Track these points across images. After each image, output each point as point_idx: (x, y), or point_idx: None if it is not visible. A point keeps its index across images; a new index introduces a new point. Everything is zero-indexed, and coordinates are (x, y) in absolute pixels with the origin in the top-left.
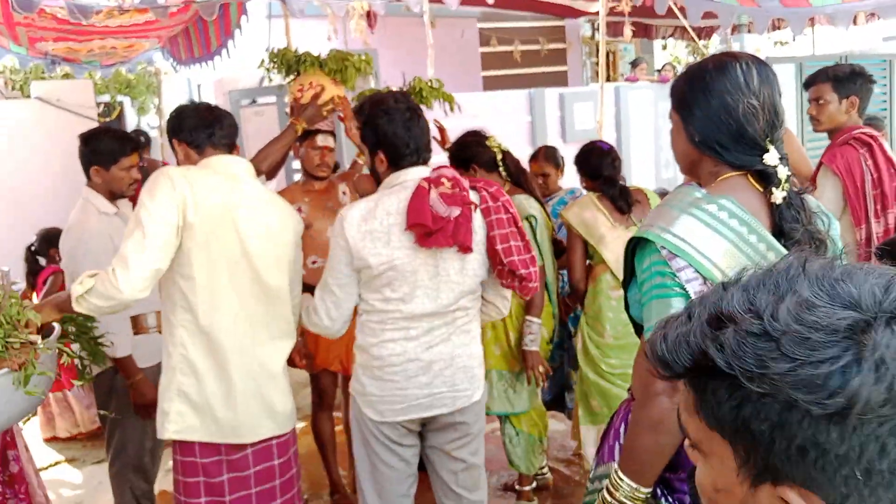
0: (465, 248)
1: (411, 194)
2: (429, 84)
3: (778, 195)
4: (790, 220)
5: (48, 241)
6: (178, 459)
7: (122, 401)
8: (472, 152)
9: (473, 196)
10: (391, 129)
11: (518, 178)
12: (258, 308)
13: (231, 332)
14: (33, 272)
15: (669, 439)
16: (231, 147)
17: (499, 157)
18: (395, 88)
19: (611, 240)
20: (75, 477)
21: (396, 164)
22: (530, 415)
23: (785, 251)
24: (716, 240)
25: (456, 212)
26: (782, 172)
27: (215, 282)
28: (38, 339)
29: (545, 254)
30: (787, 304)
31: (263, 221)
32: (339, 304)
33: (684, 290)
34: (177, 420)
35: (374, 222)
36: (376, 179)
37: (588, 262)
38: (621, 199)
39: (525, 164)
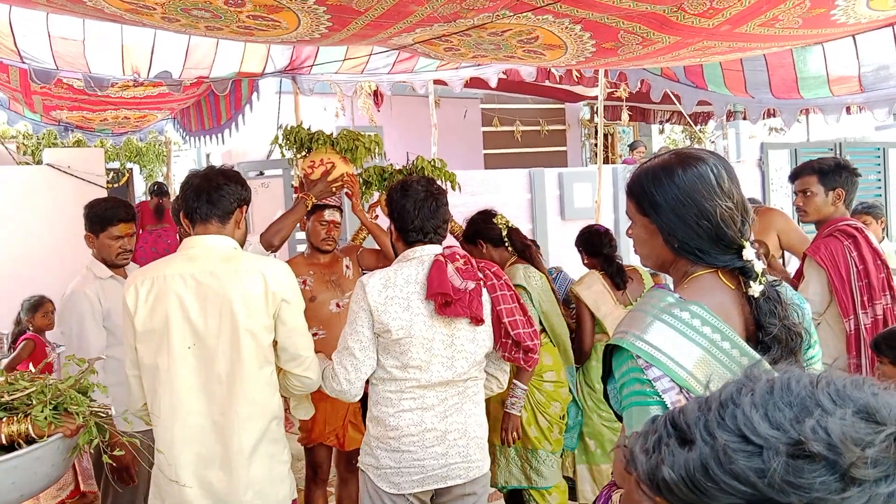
0: (478, 320)
1: (430, 267)
2: (431, 164)
3: (756, 289)
4: (767, 313)
5: (31, 309)
6: None
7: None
8: (479, 228)
9: (479, 274)
10: (402, 207)
11: (523, 252)
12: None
13: (191, 425)
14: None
15: None
16: (225, 216)
17: (504, 232)
18: (398, 167)
19: (612, 316)
20: None
21: (404, 239)
22: (558, 487)
23: (757, 356)
24: (689, 347)
25: (471, 285)
26: (759, 267)
27: (173, 375)
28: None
29: (551, 317)
30: (831, 424)
31: (219, 301)
32: (358, 368)
33: (661, 398)
34: None
35: (394, 289)
36: (395, 253)
37: None
38: (618, 277)
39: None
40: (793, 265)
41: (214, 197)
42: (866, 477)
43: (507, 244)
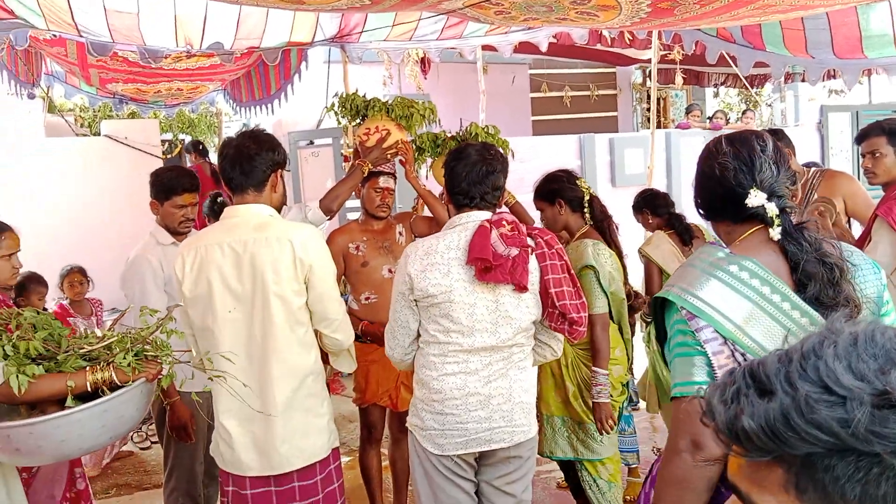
0: (522, 287)
1: (473, 232)
2: (485, 130)
3: (774, 233)
4: (794, 252)
5: (59, 279)
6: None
7: None
8: (562, 187)
9: (529, 241)
10: (453, 170)
11: (601, 224)
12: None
13: (237, 376)
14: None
15: (693, 497)
16: (260, 185)
17: (586, 197)
18: (451, 133)
19: None
20: (126, 503)
21: (454, 203)
22: (612, 459)
23: (809, 309)
24: (737, 300)
25: (514, 252)
26: (771, 210)
27: (220, 335)
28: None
29: (613, 301)
30: None
31: (252, 268)
32: (394, 335)
33: (703, 348)
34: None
35: (435, 255)
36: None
37: None
38: (686, 233)
39: None
40: (856, 231)
41: (247, 168)
42: None
43: (585, 210)
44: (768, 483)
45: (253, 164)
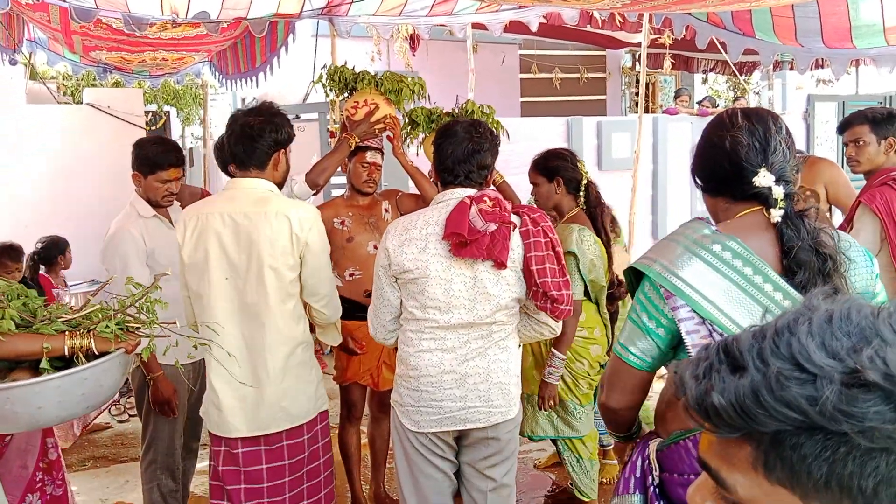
0: (500, 264)
1: (452, 208)
2: (480, 108)
3: (775, 214)
4: (789, 238)
5: (56, 247)
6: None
7: None
8: (564, 166)
9: (515, 219)
10: (440, 146)
11: (594, 210)
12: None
13: (228, 345)
14: (30, 279)
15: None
16: (263, 163)
17: (584, 181)
18: (446, 110)
19: None
20: (102, 475)
21: (440, 180)
22: (591, 437)
23: (791, 290)
24: (717, 280)
25: (492, 227)
26: (777, 192)
27: (213, 302)
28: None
29: (593, 288)
30: (890, 353)
31: (249, 240)
32: (376, 312)
33: (669, 328)
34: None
35: (413, 231)
36: None
37: None
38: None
39: None
40: (836, 220)
41: (250, 147)
42: None
43: (581, 193)
44: (737, 460)
45: (255, 145)
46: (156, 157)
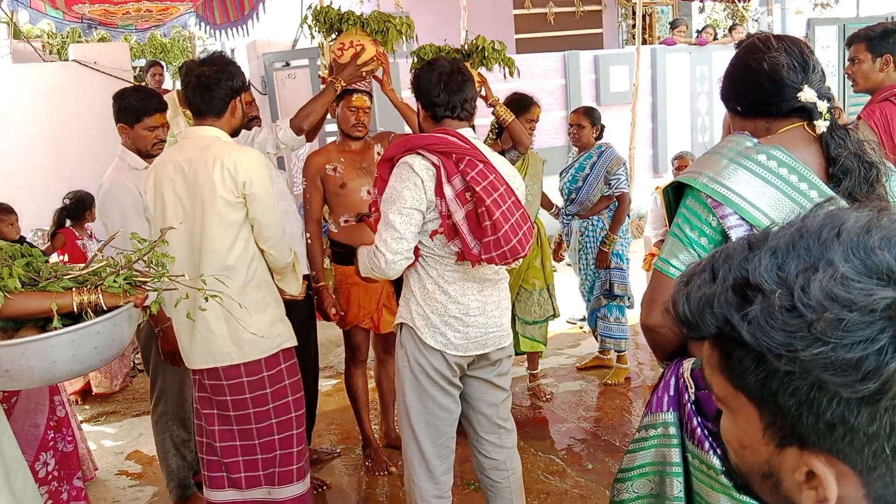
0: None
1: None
2: (491, 45)
3: (821, 125)
4: (835, 146)
5: (83, 203)
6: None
7: None
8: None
9: None
10: (428, 81)
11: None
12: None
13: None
14: (54, 231)
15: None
16: (219, 112)
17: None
18: (455, 47)
19: None
20: (116, 429)
21: (432, 115)
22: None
23: (837, 197)
24: (764, 188)
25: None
26: (822, 106)
27: (174, 245)
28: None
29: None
30: (819, 279)
31: (194, 184)
32: (399, 240)
33: (712, 237)
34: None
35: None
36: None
37: None
38: None
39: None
40: None
41: (206, 96)
42: (833, 339)
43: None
44: (712, 364)
45: (212, 94)
46: (139, 104)
